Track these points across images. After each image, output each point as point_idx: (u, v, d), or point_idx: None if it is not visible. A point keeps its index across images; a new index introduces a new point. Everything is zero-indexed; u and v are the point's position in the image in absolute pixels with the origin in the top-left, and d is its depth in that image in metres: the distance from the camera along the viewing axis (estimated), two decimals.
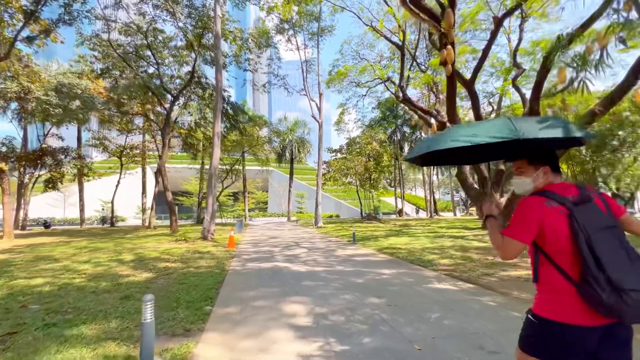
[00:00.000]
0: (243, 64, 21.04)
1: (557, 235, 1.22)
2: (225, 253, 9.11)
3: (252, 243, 11.93)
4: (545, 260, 1.27)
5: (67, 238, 14.15)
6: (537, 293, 1.33)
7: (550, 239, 1.24)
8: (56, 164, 24.01)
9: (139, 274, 6.11)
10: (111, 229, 22.90)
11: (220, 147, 26.00)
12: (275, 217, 42.72)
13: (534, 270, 1.32)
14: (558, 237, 1.22)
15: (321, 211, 21.07)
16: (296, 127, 33.91)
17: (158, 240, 12.14)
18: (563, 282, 1.22)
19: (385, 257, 8.01)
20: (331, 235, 14.44)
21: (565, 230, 1.21)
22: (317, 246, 10.58)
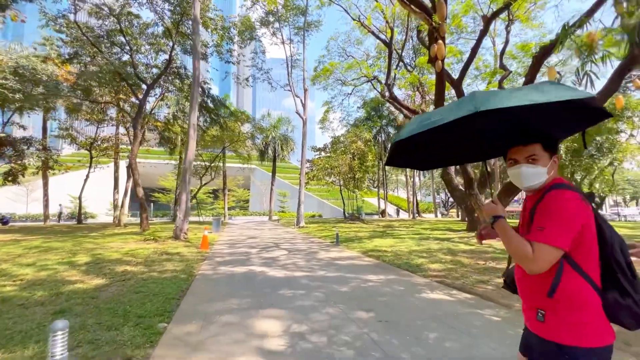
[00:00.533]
0: (225, 55, 20.03)
1: (591, 239, 1.09)
2: (197, 255, 8.31)
3: (228, 244, 11.12)
4: (570, 269, 1.09)
5: (22, 236, 12.80)
6: (547, 312, 1.12)
7: (585, 244, 1.08)
8: (17, 155, 22.15)
9: (89, 280, 5.26)
10: (77, 226, 21.31)
11: (197, 140, 24.94)
12: (257, 216, 41.64)
13: (552, 282, 1.10)
14: (592, 240, 1.09)
15: (303, 210, 20.41)
16: (280, 124, 33.09)
17: (124, 240, 11.11)
18: (589, 295, 1.07)
19: (371, 260, 7.47)
20: (313, 236, 13.82)
21: (594, 232, 1.09)
22: (298, 247, 9.93)
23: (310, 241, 11.89)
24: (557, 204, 1.09)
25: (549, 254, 1.05)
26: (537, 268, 1.06)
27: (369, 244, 10.12)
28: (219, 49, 18.96)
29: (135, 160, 14.26)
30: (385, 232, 14.76)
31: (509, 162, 1.28)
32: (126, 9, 16.44)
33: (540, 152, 1.20)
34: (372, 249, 9.02)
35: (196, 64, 12.45)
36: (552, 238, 1.05)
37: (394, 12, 18.10)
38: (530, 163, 1.20)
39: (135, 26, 17.56)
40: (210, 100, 22.42)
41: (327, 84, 26.55)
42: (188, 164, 11.87)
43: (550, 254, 1.05)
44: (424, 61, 17.06)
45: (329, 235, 13.43)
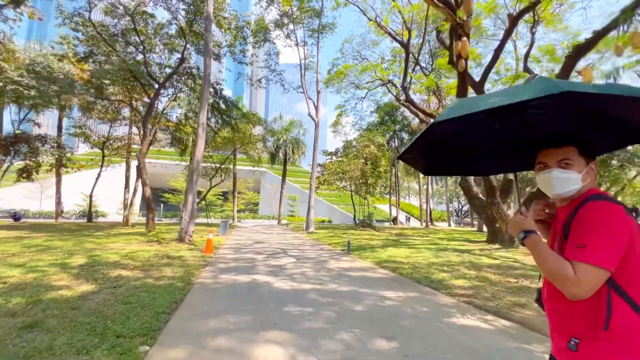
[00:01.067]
0: (238, 56, 19.80)
1: (637, 260, 0.95)
2: (200, 259, 7.81)
3: (234, 248, 10.61)
4: (616, 295, 0.94)
5: (28, 233, 12.63)
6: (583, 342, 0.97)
7: (629, 265, 0.95)
8: (31, 152, 22.40)
9: (77, 285, 4.79)
10: (86, 224, 21.28)
11: (207, 141, 24.76)
12: (266, 220, 41.28)
13: (606, 312, 0.94)
14: (637, 261, 0.95)
15: (313, 215, 19.82)
16: (291, 127, 32.74)
17: (128, 240, 10.74)
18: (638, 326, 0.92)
19: (386, 273, 6.80)
20: (323, 243, 13.20)
21: None
22: (307, 255, 9.33)
23: (319, 248, 11.27)
24: (600, 218, 0.97)
25: (594, 276, 0.92)
26: (580, 293, 0.92)
27: (383, 254, 9.44)
28: (232, 49, 18.72)
29: (143, 160, 13.99)
30: (398, 240, 14.00)
31: (538, 166, 1.17)
32: (141, 7, 16.41)
33: (574, 156, 1.09)
34: (386, 260, 8.34)
35: (207, 62, 12.12)
36: (597, 257, 0.92)
37: (412, 11, 17.48)
38: (563, 168, 1.09)
39: (150, 26, 17.54)
40: (222, 101, 22.21)
41: (340, 87, 26.10)
42: (196, 164, 11.48)
43: (595, 276, 0.92)
44: (443, 63, 16.38)
45: (339, 243, 12.79)
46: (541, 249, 1.01)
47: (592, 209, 0.98)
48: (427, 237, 16.21)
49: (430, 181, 33.57)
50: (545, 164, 1.13)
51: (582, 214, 1.00)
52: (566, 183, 1.07)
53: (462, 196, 59.44)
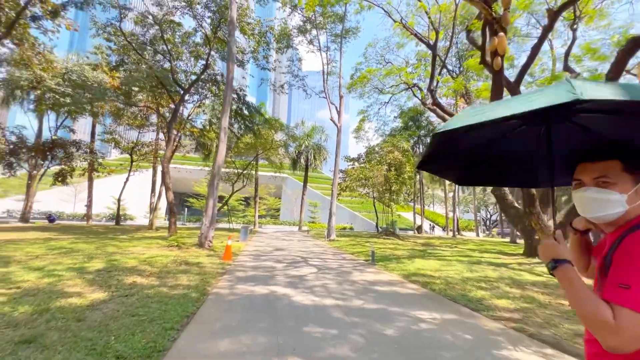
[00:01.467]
0: (261, 62, 19.90)
1: None
2: (218, 266, 7.53)
3: (253, 255, 10.31)
4: None
5: (57, 235, 13.01)
6: None
7: None
8: (66, 157, 23.52)
9: (89, 292, 4.58)
10: (114, 227, 21.93)
11: (230, 146, 24.96)
12: (287, 226, 41.15)
13: None
14: None
15: (335, 222, 19.31)
16: (313, 133, 32.56)
17: (149, 244, 10.72)
18: None
19: (416, 288, 6.18)
20: (345, 251, 12.65)
21: None
22: (328, 265, 8.84)
23: (341, 257, 10.74)
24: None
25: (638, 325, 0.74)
26: (620, 345, 0.75)
27: (410, 266, 8.77)
28: (255, 55, 18.81)
29: (167, 164, 14.14)
30: (425, 251, 13.19)
31: (575, 183, 1.01)
32: (169, 17, 16.86)
33: (617, 172, 0.91)
34: (414, 273, 7.69)
35: (230, 66, 12.09)
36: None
37: (440, 11, 16.81)
38: (600, 186, 0.93)
39: (177, 34, 18.03)
40: (245, 107, 22.37)
41: (363, 92, 25.66)
42: (217, 169, 11.37)
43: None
44: (473, 64, 15.54)
45: (362, 252, 12.19)
46: (574, 284, 0.86)
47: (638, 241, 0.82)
48: (456, 248, 15.24)
49: (457, 188, 32.11)
50: (580, 181, 0.99)
51: (627, 246, 0.84)
52: (604, 205, 0.92)
53: (490, 204, 56.70)
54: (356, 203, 48.11)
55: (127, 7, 15.86)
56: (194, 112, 25.13)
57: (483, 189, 45.43)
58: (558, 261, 0.91)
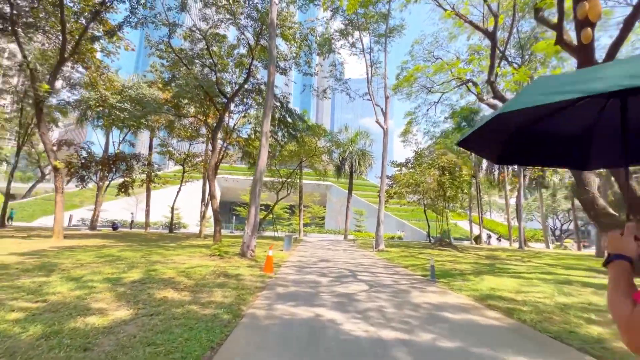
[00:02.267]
0: (303, 67, 19.59)
1: None
2: (258, 279, 6.86)
3: (296, 267, 9.54)
4: None
5: (113, 242, 13.58)
6: None
7: None
8: (128, 170, 25.37)
9: (113, 309, 4.09)
10: (167, 235, 22.93)
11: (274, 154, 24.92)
12: (332, 234, 40.25)
13: None
14: None
15: (383, 231, 17.94)
16: (357, 139, 31.55)
17: (192, 253, 10.53)
18: None
19: (499, 317, 4.82)
20: (398, 264, 11.33)
21: None
22: (380, 281, 7.70)
23: (394, 271, 9.49)
24: None
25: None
26: (629, 341, 0.73)
27: (480, 285, 7.28)
28: (297, 60, 18.52)
29: (212, 173, 14.19)
30: (493, 266, 11.32)
31: None
32: (214, 30, 17.32)
33: None
34: (489, 294, 6.25)
35: (271, 69, 11.73)
36: None
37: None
38: None
39: (223, 49, 18.55)
40: (288, 115, 22.23)
41: (410, 92, 24.14)
42: (259, 175, 10.92)
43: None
44: (545, 47, 13.43)
45: (417, 265, 10.79)
46: (615, 280, 0.83)
47: None
48: (531, 263, 12.99)
49: (521, 194, 28.57)
50: None
51: None
52: None
53: (560, 212, 50.06)
54: (404, 211, 45.68)
55: (177, 24, 16.55)
56: (240, 123, 25.72)
57: (552, 194, 40.23)
58: (616, 256, 0.87)
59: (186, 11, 16.75)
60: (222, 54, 18.90)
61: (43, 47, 17.13)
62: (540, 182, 33.85)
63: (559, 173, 34.27)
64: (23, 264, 6.84)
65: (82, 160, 24.29)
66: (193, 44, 18.06)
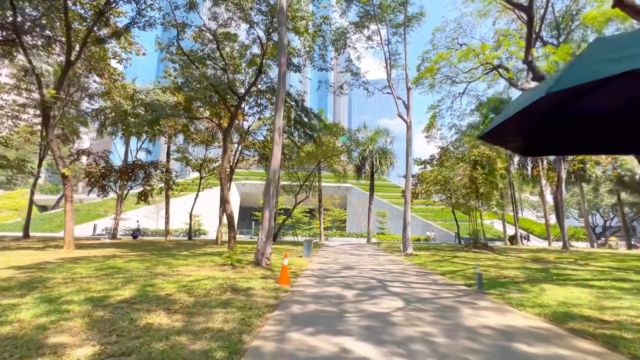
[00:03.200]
0: (317, 62, 18.59)
1: None
2: (271, 294, 5.78)
3: (316, 276, 8.39)
4: None
5: (126, 251, 13.01)
6: None
7: None
8: (146, 178, 25.27)
9: (76, 345, 3.11)
10: (186, 242, 22.47)
11: (291, 156, 23.98)
12: (354, 238, 38.79)
13: None
14: None
15: (410, 233, 16.47)
16: (377, 137, 30.14)
17: (203, 262, 9.64)
18: None
19: (597, 350, 3.46)
20: (432, 270, 9.94)
21: None
22: (417, 293, 6.42)
23: (430, 280, 8.14)
24: None
25: None
26: None
27: (544, 297, 5.85)
28: (310, 55, 17.53)
29: (224, 175, 13.39)
30: (547, 271, 9.67)
31: None
32: (225, 29, 16.68)
33: None
34: (564, 312, 4.84)
35: (282, 59, 10.76)
36: None
37: None
38: None
39: (236, 49, 17.91)
40: (304, 114, 21.29)
41: (432, 83, 22.60)
42: (272, 175, 9.92)
43: None
44: (595, 16, 11.65)
45: (456, 272, 9.36)
46: None
47: None
48: (590, 266, 11.17)
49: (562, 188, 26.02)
50: None
51: None
52: None
53: (603, 207, 46.04)
54: (430, 211, 43.54)
55: (186, 24, 16.02)
56: (255, 125, 25.07)
57: (595, 187, 36.89)
58: None
59: (195, 11, 16.20)
60: (234, 54, 18.29)
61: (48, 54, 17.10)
62: (580, 176, 30.98)
63: (602, 165, 31.26)
64: (9, 280, 6.12)
65: (102, 170, 24.41)
66: (204, 45, 17.52)
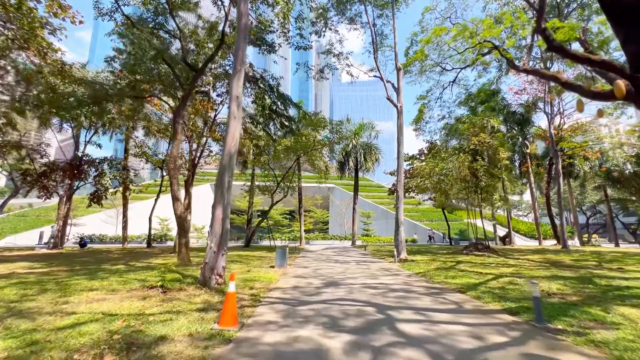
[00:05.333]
0: (294, 39, 16.04)
1: None
2: (196, 353, 3.12)
3: (286, 303, 5.73)
4: None
5: (41, 266, 9.85)
6: None
7: None
8: (98, 176, 21.79)
9: None
10: (141, 250, 19.18)
11: (267, 152, 21.18)
12: (337, 240, 36.30)
13: None
14: None
15: (404, 236, 14.14)
16: (362, 131, 27.87)
17: (126, 283, 6.76)
18: None
19: None
20: (441, 284, 7.53)
21: None
22: (446, 335, 3.91)
23: (452, 304, 5.68)
24: None
25: None
26: None
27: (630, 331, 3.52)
28: (284, 25, 14.89)
29: (174, 164, 10.51)
30: (591, 281, 7.47)
31: None
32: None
33: None
34: None
35: (242, 6, 8.12)
36: None
37: None
38: None
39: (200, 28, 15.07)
40: (278, 99, 18.67)
41: (422, 68, 20.60)
42: (227, 159, 7.23)
43: None
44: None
45: (476, 287, 6.98)
46: None
47: None
48: (624, 270, 9.13)
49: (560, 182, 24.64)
50: None
51: None
52: None
53: (587, 204, 45.92)
54: (415, 211, 41.80)
55: None
56: None
57: (580, 185, 36.19)
58: None
59: None
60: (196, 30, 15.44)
61: None
62: (569, 172, 30.01)
63: (590, 160, 30.40)
64: None
65: (43, 167, 20.72)
66: (156, 14, 14.53)
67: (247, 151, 25.16)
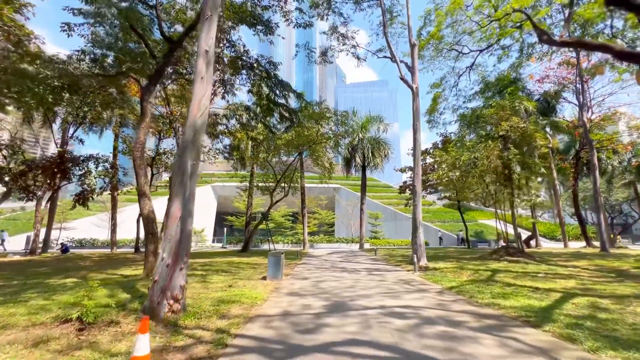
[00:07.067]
0: (292, 14, 14.03)
1: None
2: None
3: (269, 349, 3.62)
4: None
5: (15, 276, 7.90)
6: None
7: None
8: (82, 175, 19.98)
9: None
10: (128, 256, 17.26)
11: (263, 142, 19.17)
12: (344, 243, 34.04)
13: None
14: None
15: (423, 238, 11.94)
16: (369, 125, 25.71)
17: (40, 311, 4.73)
18: None
19: None
20: (489, 305, 5.36)
21: None
22: None
23: (527, 345, 3.52)
24: None
25: None
26: None
27: None
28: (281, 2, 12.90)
29: (141, 151, 8.50)
30: None
31: None
32: None
33: None
34: None
35: None
36: None
37: None
38: None
39: None
40: (278, 88, 16.67)
41: (436, 49, 18.49)
42: (191, 133, 5.19)
43: None
44: None
45: (550, 314, 4.80)
46: None
47: None
48: None
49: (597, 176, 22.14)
50: None
51: None
52: None
53: (612, 202, 42.95)
54: (425, 212, 39.37)
55: None
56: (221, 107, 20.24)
57: (607, 181, 33.40)
58: None
59: None
60: None
61: None
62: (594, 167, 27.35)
63: (620, 154, 27.74)
64: None
65: (22, 166, 18.95)
66: None
67: (244, 147, 23.21)
